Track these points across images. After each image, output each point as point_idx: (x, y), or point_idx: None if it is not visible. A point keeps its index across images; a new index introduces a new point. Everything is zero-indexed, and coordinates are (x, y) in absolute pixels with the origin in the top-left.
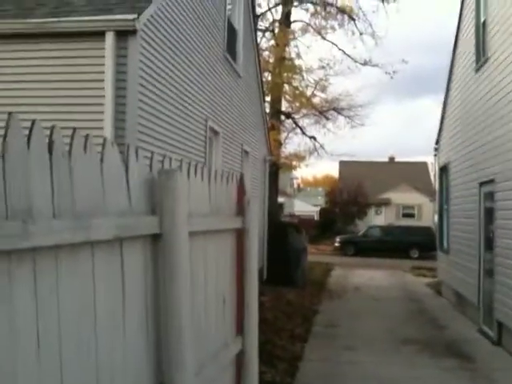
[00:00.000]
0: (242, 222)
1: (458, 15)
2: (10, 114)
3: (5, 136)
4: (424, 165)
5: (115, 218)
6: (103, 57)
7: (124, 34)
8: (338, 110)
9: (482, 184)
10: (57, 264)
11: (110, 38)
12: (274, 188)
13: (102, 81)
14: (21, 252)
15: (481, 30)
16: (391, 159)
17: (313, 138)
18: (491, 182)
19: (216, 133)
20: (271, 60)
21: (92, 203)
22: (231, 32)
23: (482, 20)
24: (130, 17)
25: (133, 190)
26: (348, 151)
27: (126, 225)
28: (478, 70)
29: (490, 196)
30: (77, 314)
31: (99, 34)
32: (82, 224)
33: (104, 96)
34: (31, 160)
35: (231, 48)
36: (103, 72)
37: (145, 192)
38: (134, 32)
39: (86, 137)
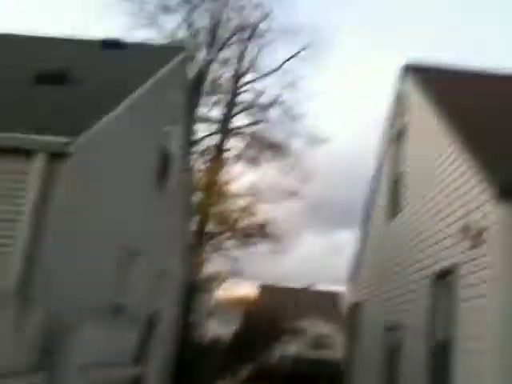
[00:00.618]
0: (141, 367)
1: (377, 164)
2: None
3: None
4: (339, 296)
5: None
6: (28, 176)
7: (56, 156)
8: (263, 235)
9: (387, 329)
10: None
11: (39, 158)
12: (189, 309)
13: (23, 204)
14: None
15: (396, 181)
16: (308, 287)
17: (235, 260)
18: (395, 327)
19: (134, 255)
20: (202, 181)
21: None
22: (165, 155)
23: (399, 171)
24: (64, 140)
25: (25, 347)
26: (268, 276)
27: None
28: (390, 220)
29: (394, 340)
30: None
31: (30, 154)
32: None
33: (22, 221)
34: None
35: (163, 170)
36: (25, 192)
37: (38, 347)
38: (65, 155)
39: None
